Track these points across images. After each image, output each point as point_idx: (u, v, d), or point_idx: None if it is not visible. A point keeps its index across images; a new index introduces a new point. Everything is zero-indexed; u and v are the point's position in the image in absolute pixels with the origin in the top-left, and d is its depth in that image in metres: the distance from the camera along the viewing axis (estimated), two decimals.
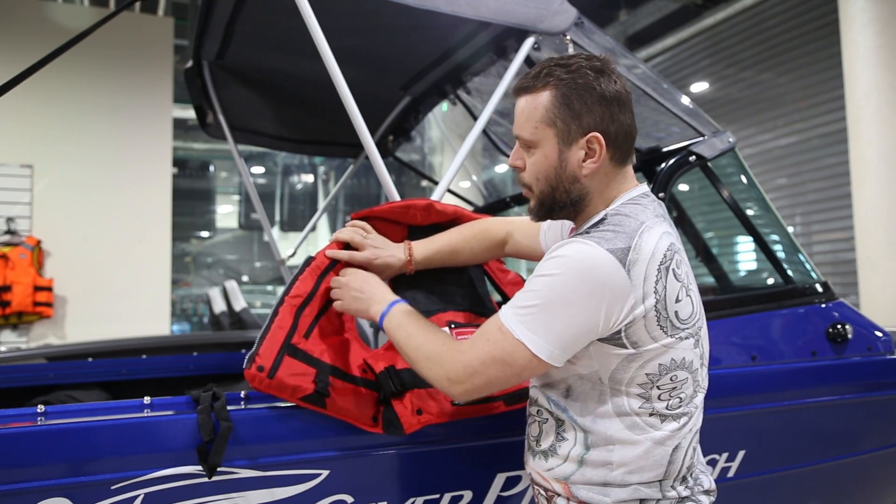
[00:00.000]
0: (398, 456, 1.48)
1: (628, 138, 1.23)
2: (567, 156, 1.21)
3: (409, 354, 1.26)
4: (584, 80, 1.19)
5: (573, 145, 1.20)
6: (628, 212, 1.19)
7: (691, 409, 1.21)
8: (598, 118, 1.19)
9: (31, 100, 5.15)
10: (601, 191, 1.24)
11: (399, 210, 1.61)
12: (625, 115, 1.22)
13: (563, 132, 1.20)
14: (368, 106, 2.12)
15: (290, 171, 14.24)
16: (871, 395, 2.05)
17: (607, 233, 1.15)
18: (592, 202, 1.25)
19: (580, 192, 1.23)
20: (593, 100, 1.19)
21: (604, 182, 1.23)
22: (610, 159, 1.22)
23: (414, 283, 1.58)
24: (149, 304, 5.54)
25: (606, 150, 1.20)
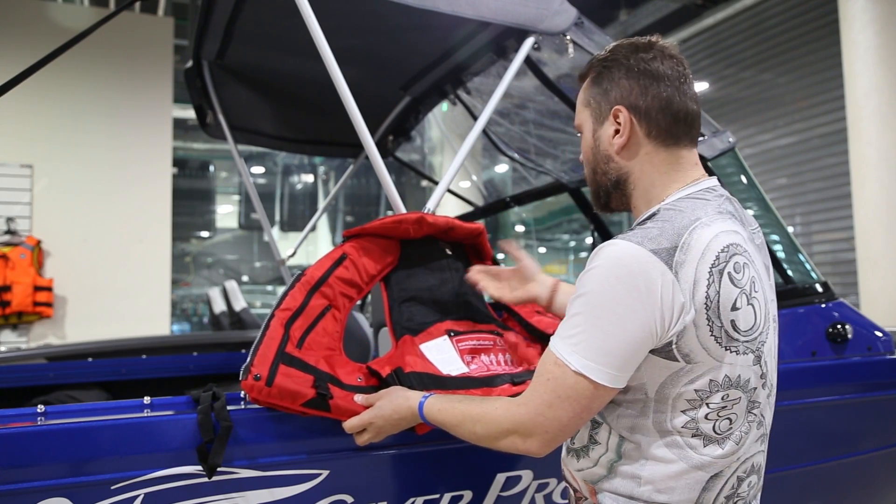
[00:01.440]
0: (398, 456, 1.48)
1: (665, 113, 1.13)
2: (599, 134, 1.19)
3: (469, 430, 1.17)
4: (613, 57, 1.18)
5: (604, 122, 1.18)
6: (683, 206, 1.09)
7: (741, 435, 1.09)
8: (626, 91, 1.15)
9: (31, 100, 5.16)
10: (645, 173, 1.15)
11: (391, 225, 1.61)
12: (660, 89, 1.13)
13: (595, 111, 1.20)
14: (368, 106, 2.12)
15: (290, 171, 14.24)
16: (871, 395, 2.05)
17: (653, 230, 1.05)
18: (637, 186, 1.16)
19: (617, 173, 1.17)
20: (620, 74, 1.16)
21: (647, 163, 1.15)
22: (646, 135, 1.14)
23: (409, 295, 1.59)
24: (149, 304, 5.54)
25: (637, 123, 1.13)
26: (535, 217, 12.47)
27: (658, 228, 1.05)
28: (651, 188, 1.16)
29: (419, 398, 1.28)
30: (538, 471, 1.58)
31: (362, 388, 1.42)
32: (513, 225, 12.61)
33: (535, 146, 3.12)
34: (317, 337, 1.46)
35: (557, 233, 13.81)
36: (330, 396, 1.36)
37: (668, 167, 1.15)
